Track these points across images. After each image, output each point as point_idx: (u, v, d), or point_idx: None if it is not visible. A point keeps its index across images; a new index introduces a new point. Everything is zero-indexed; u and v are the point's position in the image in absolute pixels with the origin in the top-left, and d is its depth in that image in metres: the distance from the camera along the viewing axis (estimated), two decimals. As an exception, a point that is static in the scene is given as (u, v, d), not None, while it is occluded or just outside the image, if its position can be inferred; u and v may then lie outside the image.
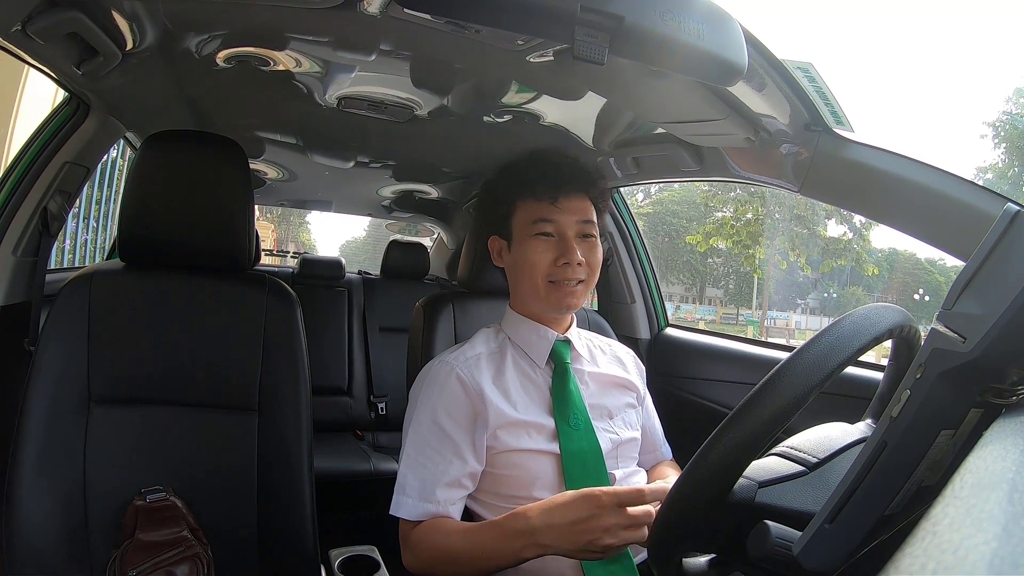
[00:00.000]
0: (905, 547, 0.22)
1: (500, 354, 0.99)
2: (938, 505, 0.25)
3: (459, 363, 0.95)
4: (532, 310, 1.00)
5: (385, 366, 2.43)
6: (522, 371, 0.98)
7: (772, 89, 0.93)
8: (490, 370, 0.96)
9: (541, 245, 0.95)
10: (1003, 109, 13.82)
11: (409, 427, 0.94)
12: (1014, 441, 0.33)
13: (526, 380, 0.97)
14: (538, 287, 0.95)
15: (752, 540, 0.54)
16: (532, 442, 0.92)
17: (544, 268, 0.94)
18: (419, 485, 0.89)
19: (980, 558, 0.19)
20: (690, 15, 0.72)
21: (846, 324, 0.56)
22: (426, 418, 0.93)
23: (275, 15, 0.96)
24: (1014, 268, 0.40)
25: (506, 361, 0.98)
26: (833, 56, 35.25)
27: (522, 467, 0.91)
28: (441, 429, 0.91)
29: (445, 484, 0.89)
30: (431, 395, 0.94)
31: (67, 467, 0.97)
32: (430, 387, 0.95)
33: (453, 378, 0.93)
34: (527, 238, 0.95)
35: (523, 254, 0.96)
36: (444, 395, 0.93)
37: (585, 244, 0.96)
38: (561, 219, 0.94)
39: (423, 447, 0.91)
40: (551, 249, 0.94)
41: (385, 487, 1.69)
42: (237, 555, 1.02)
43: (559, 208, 0.94)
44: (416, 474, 0.90)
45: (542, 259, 0.94)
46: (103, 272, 1.05)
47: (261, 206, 4.23)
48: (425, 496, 0.89)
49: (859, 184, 0.98)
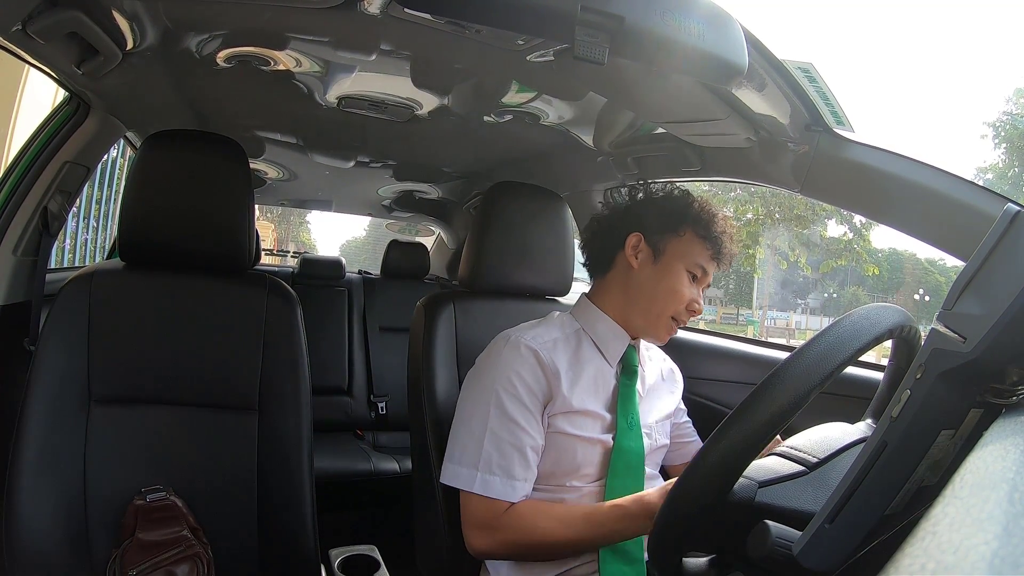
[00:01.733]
0: (905, 547, 0.22)
1: (576, 342, 0.99)
2: (938, 505, 0.25)
3: (537, 342, 0.95)
4: (627, 316, 1.01)
5: (385, 366, 2.43)
6: (594, 363, 0.99)
7: (772, 89, 0.93)
8: (566, 355, 0.97)
9: (686, 282, 0.97)
10: (1003, 109, 13.80)
11: (480, 398, 0.93)
12: (1014, 441, 0.33)
13: (597, 372, 0.98)
14: (662, 314, 0.97)
15: (752, 540, 0.54)
16: (586, 432, 0.94)
17: (679, 305, 0.97)
18: (505, 464, 0.89)
19: (980, 558, 0.19)
20: (690, 15, 0.72)
21: (846, 324, 0.56)
22: (502, 388, 0.92)
23: (275, 15, 0.96)
24: (1014, 268, 0.40)
25: (582, 350, 0.99)
26: (833, 56, 35.25)
27: (570, 452, 0.93)
28: (512, 399, 0.91)
29: (527, 458, 0.91)
30: (510, 364, 0.93)
31: (67, 467, 0.97)
32: (508, 358, 0.94)
33: (531, 353, 0.94)
34: (680, 269, 0.97)
35: (669, 281, 0.97)
36: (524, 367, 0.93)
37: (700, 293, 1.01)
38: (710, 275, 0.99)
39: (503, 419, 0.91)
40: (691, 290, 0.98)
41: (386, 487, 1.68)
42: (237, 555, 1.02)
43: (714, 267, 0.99)
44: (499, 449, 0.90)
45: (685, 294, 0.97)
46: (103, 272, 1.05)
47: (261, 206, 4.23)
48: (510, 473, 0.89)
49: (859, 184, 0.98)
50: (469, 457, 0.90)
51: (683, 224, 0.98)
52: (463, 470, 0.90)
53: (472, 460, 0.90)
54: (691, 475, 0.57)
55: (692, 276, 0.98)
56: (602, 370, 0.99)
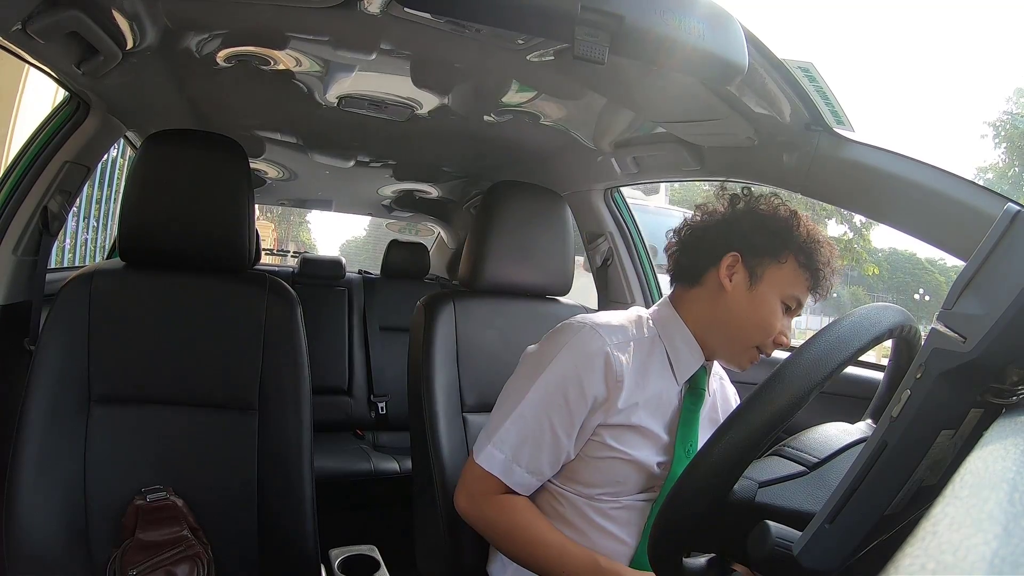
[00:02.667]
0: (905, 547, 0.22)
1: (649, 349, 0.92)
2: (938, 505, 0.25)
3: (611, 342, 0.88)
4: (708, 335, 0.93)
5: (385, 366, 2.43)
6: (662, 377, 0.92)
7: (772, 89, 0.93)
8: (637, 360, 0.90)
9: (779, 314, 0.90)
10: (1003, 109, 13.78)
11: (533, 382, 0.89)
12: (1014, 441, 0.33)
13: (662, 388, 0.91)
14: (748, 342, 0.91)
15: (752, 540, 0.54)
16: (637, 451, 0.88)
17: (768, 335, 0.89)
18: (521, 454, 0.88)
19: (980, 558, 0.19)
20: (690, 14, 0.72)
21: (846, 324, 0.56)
22: (558, 381, 0.88)
23: (275, 14, 0.96)
24: (1014, 268, 0.40)
25: (653, 360, 0.92)
26: (833, 56, 35.25)
27: (612, 470, 0.89)
28: (566, 401, 0.87)
29: (543, 460, 0.88)
30: (573, 359, 0.88)
31: (67, 467, 0.97)
32: (575, 351, 0.88)
33: (602, 354, 0.87)
34: (774, 298, 0.90)
35: (763, 309, 0.90)
36: (587, 366, 0.87)
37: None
38: (803, 305, 0.92)
39: (542, 409, 0.88)
40: (782, 320, 0.90)
41: (386, 487, 1.68)
42: (237, 555, 1.02)
43: (809, 297, 0.92)
44: (522, 439, 0.88)
45: (775, 325, 0.90)
46: (103, 271, 1.05)
47: (261, 205, 4.23)
48: (522, 462, 0.88)
49: (860, 184, 0.98)
50: (492, 431, 0.89)
51: (786, 250, 0.89)
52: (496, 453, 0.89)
53: (500, 437, 0.88)
54: (691, 475, 0.57)
55: (786, 307, 0.91)
56: (668, 386, 0.92)
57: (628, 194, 1.77)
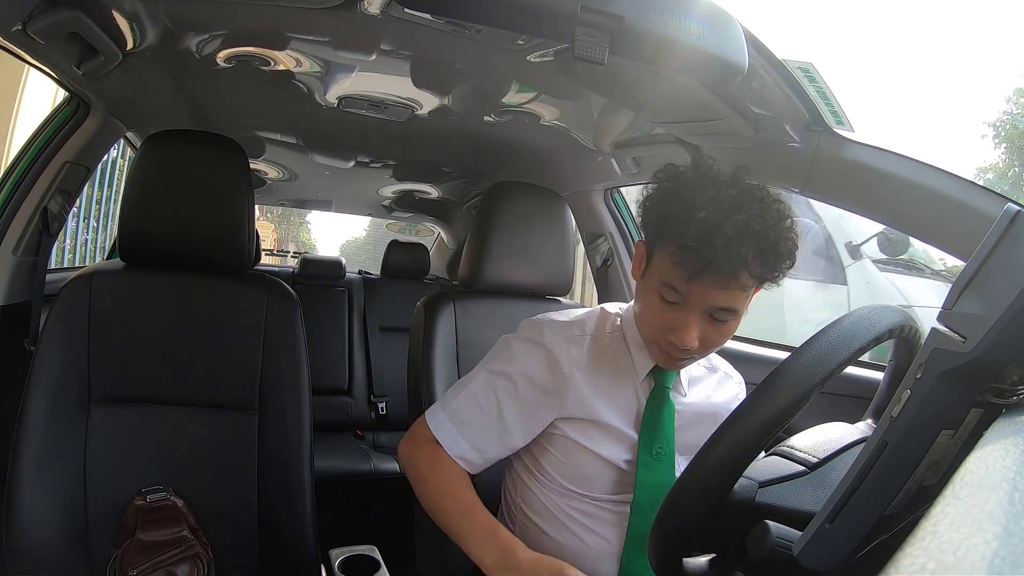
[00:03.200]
0: (905, 547, 0.22)
1: (611, 347, 0.90)
2: (938, 505, 0.25)
3: (562, 337, 0.89)
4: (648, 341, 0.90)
5: (385, 366, 2.43)
6: (621, 371, 0.89)
7: (772, 89, 0.93)
8: (591, 358, 0.88)
9: (660, 307, 0.79)
10: (1003, 109, 13.78)
11: (489, 366, 0.91)
12: (1014, 441, 0.33)
13: (624, 384, 0.89)
14: (649, 337, 0.84)
15: (752, 540, 0.54)
16: (600, 447, 0.87)
17: (656, 331, 0.81)
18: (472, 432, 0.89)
19: (980, 558, 0.19)
20: (690, 15, 0.72)
21: (846, 324, 0.56)
22: (509, 370, 0.89)
23: (275, 15, 0.96)
24: (1014, 268, 0.40)
25: (615, 357, 0.89)
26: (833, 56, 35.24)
27: (577, 462, 0.88)
28: (516, 389, 0.88)
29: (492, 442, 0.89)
30: (525, 351, 0.89)
31: (67, 467, 0.97)
32: (527, 344, 0.90)
33: (550, 348, 0.88)
34: (652, 289, 0.80)
35: (643, 298, 0.83)
36: (536, 358, 0.88)
37: (712, 324, 0.79)
38: (692, 300, 0.77)
39: (492, 393, 0.89)
40: (668, 318, 0.79)
41: (386, 487, 1.67)
42: (237, 555, 1.02)
43: (691, 292, 0.77)
44: (471, 413, 0.89)
45: (657, 320, 0.80)
46: (103, 272, 1.05)
47: (261, 206, 4.23)
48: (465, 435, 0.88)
49: (860, 184, 0.98)
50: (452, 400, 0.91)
51: (666, 230, 0.78)
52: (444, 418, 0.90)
53: (453, 407, 0.90)
54: (691, 475, 0.57)
55: (665, 301, 0.78)
56: (631, 384, 0.89)
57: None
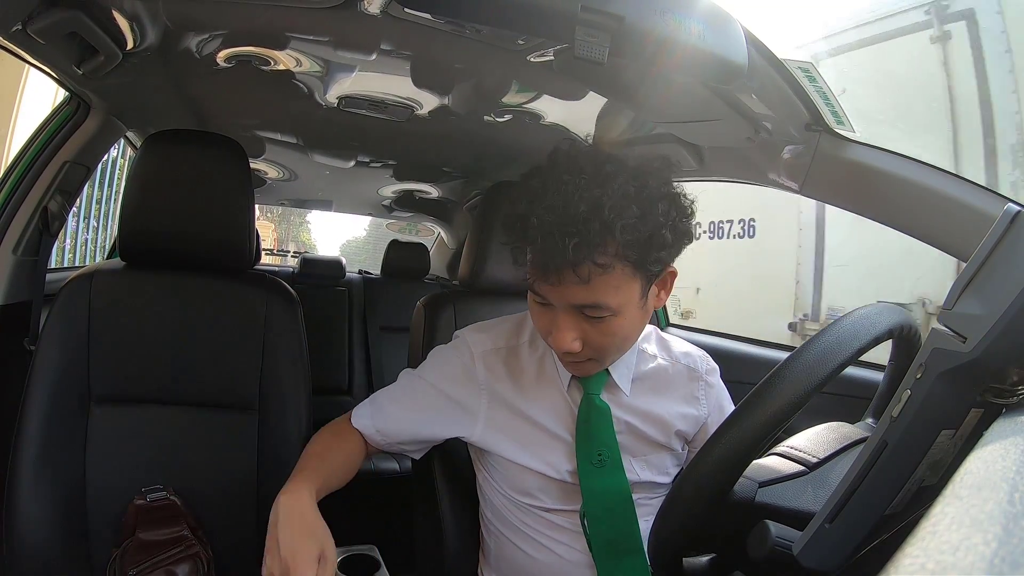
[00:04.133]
0: (905, 547, 0.22)
1: (537, 355, 0.89)
2: (938, 505, 0.25)
3: (478, 350, 0.90)
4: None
5: (386, 366, 2.43)
6: (547, 377, 0.88)
7: (773, 89, 0.93)
8: (514, 367, 0.88)
9: (539, 310, 0.78)
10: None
11: (410, 372, 0.95)
12: (1014, 441, 0.33)
13: (554, 392, 0.87)
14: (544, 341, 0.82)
15: (752, 540, 0.54)
16: (542, 457, 0.85)
17: (543, 336, 0.80)
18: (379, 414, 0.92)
19: (980, 558, 0.19)
20: (691, 15, 0.72)
21: (846, 324, 0.56)
22: (425, 369, 0.93)
23: (275, 15, 0.96)
24: (1014, 268, 0.40)
25: (542, 366, 0.88)
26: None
27: (516, 479, 0.87)
28: (431, 384, 0.91)
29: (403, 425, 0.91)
30: (441, 362, 0.92)
31: (67, 466, 0.97)
32: (444, 355, 0.93)
33: (464, 359, 0.90)
34: (530, 292, 0.79)
35: (530, 306, 0.81)
36: (450, 369, 0.90)
37: (590, 324, 0.75)
38: (554, 299, 0.75)
39: (407, 389, 0.92)
40: (547, 320, 0.77)
41: (386, 487, 1.68)
42: (237, 554, 1.02)
43: (556, 290, 0.73)
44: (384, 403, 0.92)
45: (538, 324, 0.80)
46: (103, 272, 1.05)
47: (261, 205, 4.23)
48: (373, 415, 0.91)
49: (860, 184, 0.98)
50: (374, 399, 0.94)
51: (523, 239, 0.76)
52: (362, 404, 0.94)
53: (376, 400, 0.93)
54: (691, 475, 0.57)
55: (542, 303, 0.77)
56: (558, 388, 0.87)
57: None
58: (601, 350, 0.78)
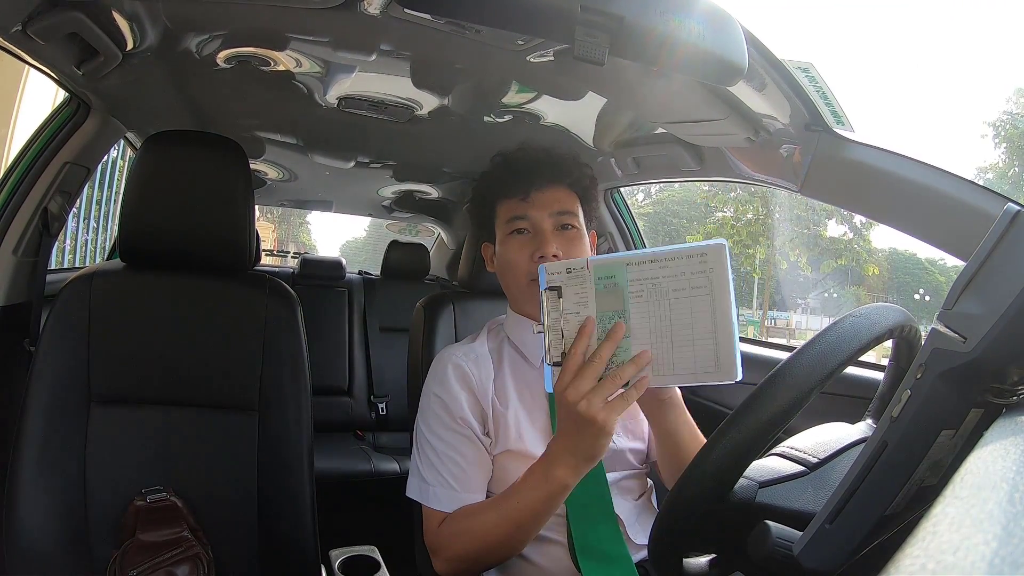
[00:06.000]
0: (906, 547, 0.22)
1: (498, 352, 0.96)
2: (939, 505, 0.25)
3: (457, 356, 0.93)
4: (526, 311, 0.97)
5: (386, 366, 2.43)
6: (517, 371, 0.94)
7: (772, 89, 0.93)
8: (492, 369, 0.94)
9: (517, 242, 0.92)
10: (1004, 109, 13.83)
11: (420, 420, 0.93)
12: (1015, 441, 0.33)
13: (521, 384, 0.93)
14: (521, 287, 0.92)
15: (752, 540, 0.54)
16: (524, 445, 0.88)
17: (523, 266, 0.90)
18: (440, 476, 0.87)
19: (980, 558, 0.19)
20: (690, 15, 0.72)
21: (846, 324, 0.56)
22: (428, 408, 0.92)
23: (275, 15, 0.96)
24: (1014, 268, 0.40)
25: (503, 362, 0.95)
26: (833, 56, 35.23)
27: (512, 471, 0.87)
28: (440, 420, 0.90)
29: (460, 470, 0.87)
30: (437, 388, 0.92)
31: (67, 467, 0.97)
32: (432, 376, 0.94)
33: (450, 367, 0.92)
34: (505, 237, 0.93)
35: (503, 254, 0.94)
36: (449, 390, 0.91)
37: (563, 236, 0.91)
38: (534, 213, 0.91)
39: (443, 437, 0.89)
40: (527, 245, 0.91)
41: (386, 487, 1.67)
42: (237, 555, 1.02)
43: (530, 203, 0.91)
44: (433, 465, 0.88)
45: (519, 256, 0.91)
46: (103, 272, 1.05)
47: (261, 206, 4.24)
48: (430, 479, 0.87)
49: (859, 184, 0.98)
50: (424, 478, 0.89)
51: (491, 204, 0.96)
52: (415, 481, 0.90)
53: (429, 481, 0.88)
54: (691, 476, 0.57)
55: (519, 232, 0.91)
56: (526, 376, 0.94)
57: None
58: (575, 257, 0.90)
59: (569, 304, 0.69)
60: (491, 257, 1.00)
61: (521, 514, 0.76)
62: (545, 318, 0.69)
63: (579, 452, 0.70)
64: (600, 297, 0.67)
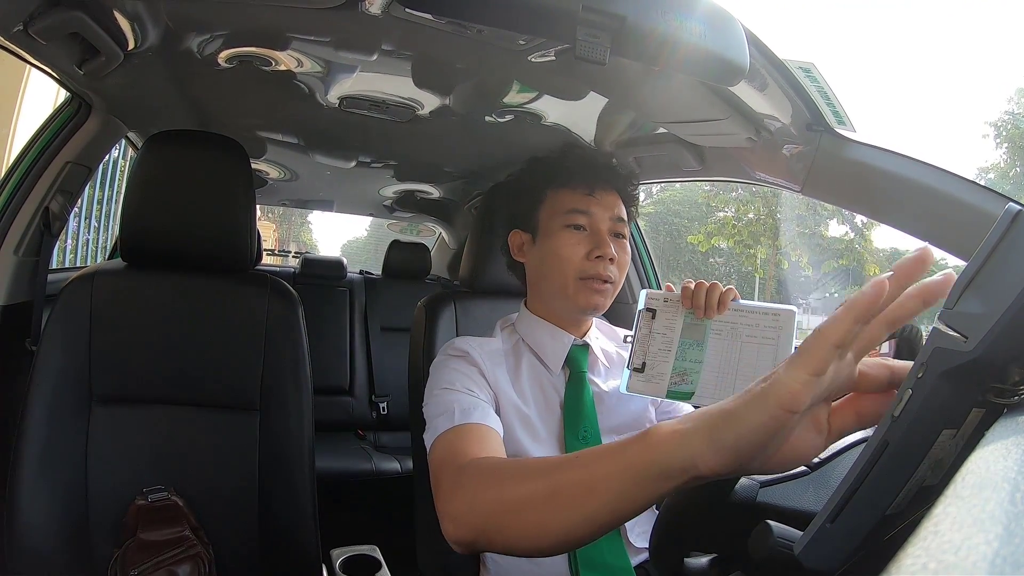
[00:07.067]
0: (907, 547, 0.22)
1: (515, 355, 0.94)
2: (940, 505, 0.25)
3: (479, 351, 0.90)
4: (553, 309, 0.94)
5: (387, 366, 2.43)
6: (536, 377, 0.92)
7: (774, 89, 0.93)
8: (505, 368, 0.91)
9: (573, 237, 0.89)
10: (1005, 109, 13.82)
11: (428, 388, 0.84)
12: (1016, 441, 0.33)
13: (536, 387, 0.91)
14: (567, 283, 0.89)
15: (753, 540, 0.54)
16: (537, 446, 0.87)
17: (576, 263, 0.88)
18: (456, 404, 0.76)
19: (982, 558, 0.19)
20: (692, 15, 0.72)
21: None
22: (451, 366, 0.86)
23: (277, 15, 0.96)
24: (1016, 268, 0.40)
25: (521, 364, 0.92)
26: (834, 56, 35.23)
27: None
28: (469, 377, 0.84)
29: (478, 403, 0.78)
30: (450, 363, 0.86)
31: (68, 466, 0.97)
32: (444, 353, 0.90)
33: (464, 349, 0.89)
34: (558, 230, 0.90)
35: (552, 247, 0.90)
36: (464, 366, 0.86)
37: (617, 243, 0.90)
38: (596, 212, 0.89)
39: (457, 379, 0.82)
40: (583, 242, 0.89)
41: (387, 487, 1.68)
42: (238, 555, 1.02)
43: (595, 200, 0.89)
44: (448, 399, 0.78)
45: (574, 252, 0.89)
46: (104, 272, 1.05)
47: (263, 206, 4.24)
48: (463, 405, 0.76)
49: (861, 184, 0.98)
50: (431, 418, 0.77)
51: (539, 191, 0.93)
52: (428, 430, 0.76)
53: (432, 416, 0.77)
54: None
55: (576, 227, 0.89)
56: (543, 382, 0.92)
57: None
58: (622, 268, 0.91)
59: (659, 326, 0.85)
60: (521, 246, 0.97)
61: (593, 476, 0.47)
62: (636, 332, 0.84)
63: (735, 423, 0.41)
64: (686, 327, 0.83)
